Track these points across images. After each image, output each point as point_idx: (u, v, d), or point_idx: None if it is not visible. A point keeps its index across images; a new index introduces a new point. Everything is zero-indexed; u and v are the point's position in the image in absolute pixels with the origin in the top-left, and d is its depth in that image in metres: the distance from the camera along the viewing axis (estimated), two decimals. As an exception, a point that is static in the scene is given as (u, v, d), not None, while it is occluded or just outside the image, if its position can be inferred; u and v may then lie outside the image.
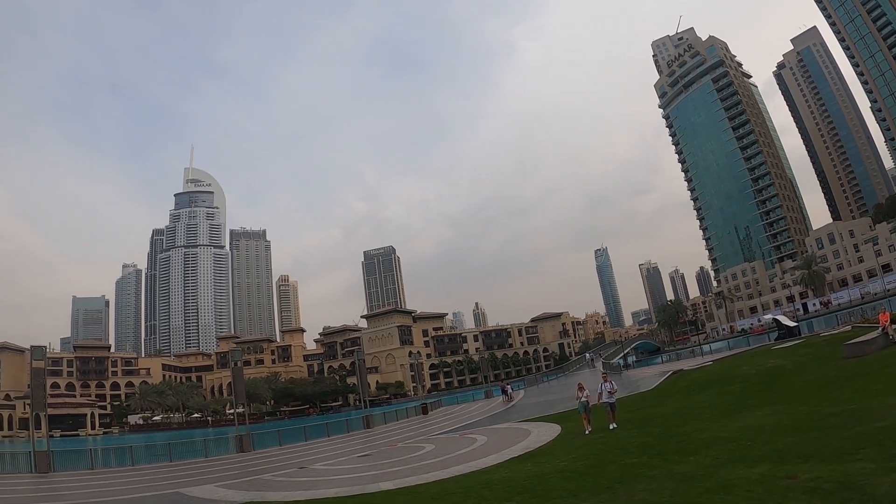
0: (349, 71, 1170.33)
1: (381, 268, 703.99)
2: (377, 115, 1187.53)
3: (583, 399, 34.81)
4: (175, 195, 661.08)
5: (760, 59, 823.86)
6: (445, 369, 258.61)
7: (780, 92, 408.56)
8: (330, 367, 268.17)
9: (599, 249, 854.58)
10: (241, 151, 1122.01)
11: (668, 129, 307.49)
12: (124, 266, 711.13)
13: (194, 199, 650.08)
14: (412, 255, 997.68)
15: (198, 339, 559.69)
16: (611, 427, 33.29)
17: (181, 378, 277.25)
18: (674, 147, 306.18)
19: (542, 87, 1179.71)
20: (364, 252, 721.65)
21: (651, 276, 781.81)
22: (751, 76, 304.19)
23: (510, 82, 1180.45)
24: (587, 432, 33.61)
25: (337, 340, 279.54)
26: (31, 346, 60.12)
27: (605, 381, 34.93)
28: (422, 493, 23.94)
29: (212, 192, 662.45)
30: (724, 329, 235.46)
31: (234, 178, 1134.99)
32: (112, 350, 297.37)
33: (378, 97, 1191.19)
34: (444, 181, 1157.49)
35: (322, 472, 36.95)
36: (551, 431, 39.03)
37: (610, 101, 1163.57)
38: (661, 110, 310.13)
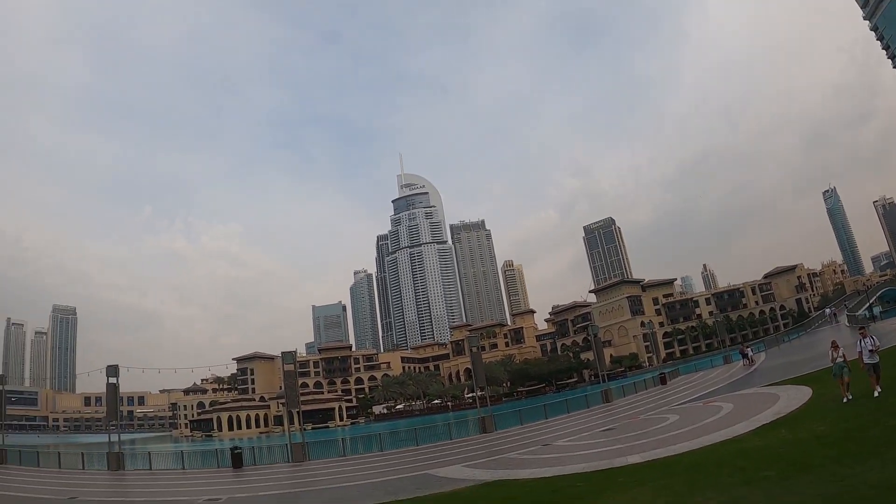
0: (536, 54, 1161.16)
1: (602, 241, 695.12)
2: (573, 91, 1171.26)
3: (839, 360, 30.55)
4: (393, 201, 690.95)
5: None
6: (679, 337, 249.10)
7: None
8: (563, 344, 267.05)
9: (827, 191, 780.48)
10: (447, 151, 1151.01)
11: (878, 41, 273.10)
12: (355, 273, 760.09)
13: (411, 201, 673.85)
14: (632, 223, 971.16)
15: (432, 331, 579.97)
16: (875, 393, 28.40)
17: (419, 368, 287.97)
18: (890, 61, 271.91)
19: (731, 28, 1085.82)
20: (584, 227, 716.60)
21: (889, 213, 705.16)
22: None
23: (699, 30, 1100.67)
24: (845, 400, 29.17)
25: (567, 318, 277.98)
26: (282, 353, 64.22)
27: (864, 336, 29.71)
28: (673, 465, 22.83)
29: (426, 193, 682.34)
30: None
31: (445, 177, 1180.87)
32: (353, 349, 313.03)
33: (570, 73, 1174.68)
34: (652, 144, 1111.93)
35: (566, 449, 36.41)
36: (801, 395, 36.21)
37: (805, 25, 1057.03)
38: (868, 22, 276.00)
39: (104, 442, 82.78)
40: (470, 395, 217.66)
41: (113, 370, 65.18)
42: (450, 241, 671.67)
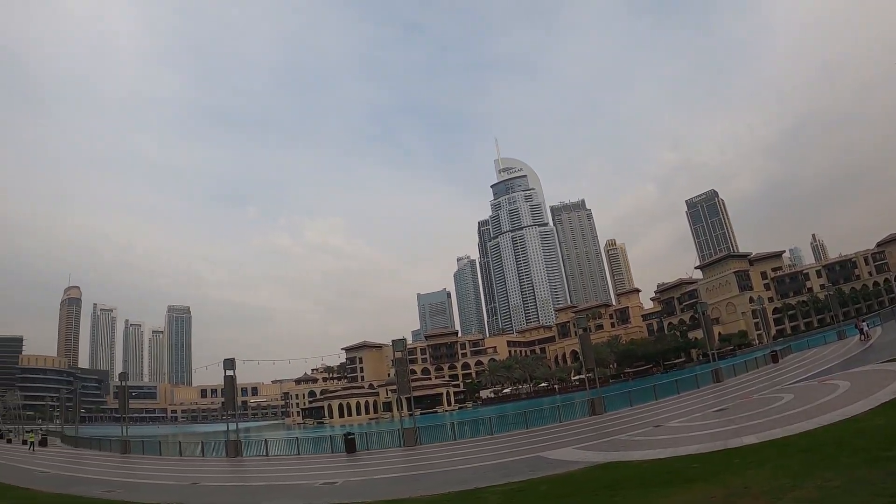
0: (622, 26, 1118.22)
1: (706, 214, 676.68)
2: (663, 62, 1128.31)
3: None
4: (491, 186, 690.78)
5: None
6: (790, 312, 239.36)
7: None
8: (669, 323, 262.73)
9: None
10: (541, 132, 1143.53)
11: None
12: (458, 259, 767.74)
13: (510, 185, 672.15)
14: (735, 194, 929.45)
15: (536, 314, 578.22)
16: None
17: (525, 352, 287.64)
18: None
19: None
20: (686, 202, 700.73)
21: None
22: None
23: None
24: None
25: (673, 296, 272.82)
26: (392, 341, 65.49)
27: None
28: (790, 446, 22.45)
29: (524, 176, 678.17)
30: None
31: (541, 158, 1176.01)
32: (459, 335, 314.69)
33: (658, 43, 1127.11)
34: (750, 110, 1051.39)
35: (678, 430, 36.09)
36: (926, 371, 34.93)
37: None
38: None
39: (221, 431, 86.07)
40: (577, 377, 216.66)
41: (230, 363, 68.12)
42: (551, 223, 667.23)
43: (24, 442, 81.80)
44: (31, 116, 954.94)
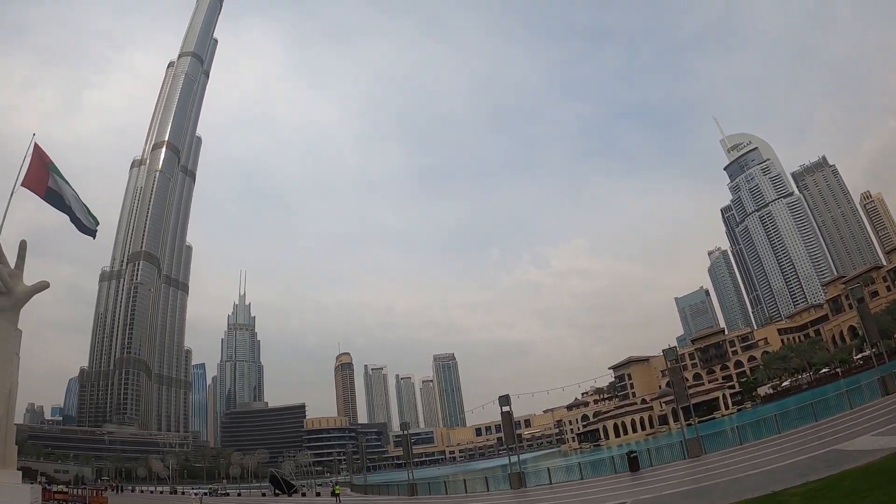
0: None
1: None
2: None
3: None
4: (724, 169, 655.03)
5: None
6: None
7: None
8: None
9: None
10: (758, 98, 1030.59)
11: None
12: (709, 253, 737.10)
13: (743, 163, 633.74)
14: None
15: (803, 293, 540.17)
16: None
17: (798, 338, 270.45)
18: None
19: None
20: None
21: None
22: None
23: None
24: None
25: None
26: (663, 350, 65.41)
27: None
28: None
29: (755, 148, 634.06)
30: None
31: (766, 125, 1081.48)
32: (725, 332, 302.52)
33: None
34: None
35: None
36: None
37: None
38: None
39: (500, 465, 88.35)
40: (859, 355, 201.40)
41: (505, 399, 71.10)
42: (796, 191, 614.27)
43: (333, 493, 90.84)
44: (284, 215, 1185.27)
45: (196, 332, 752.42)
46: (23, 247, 21.41)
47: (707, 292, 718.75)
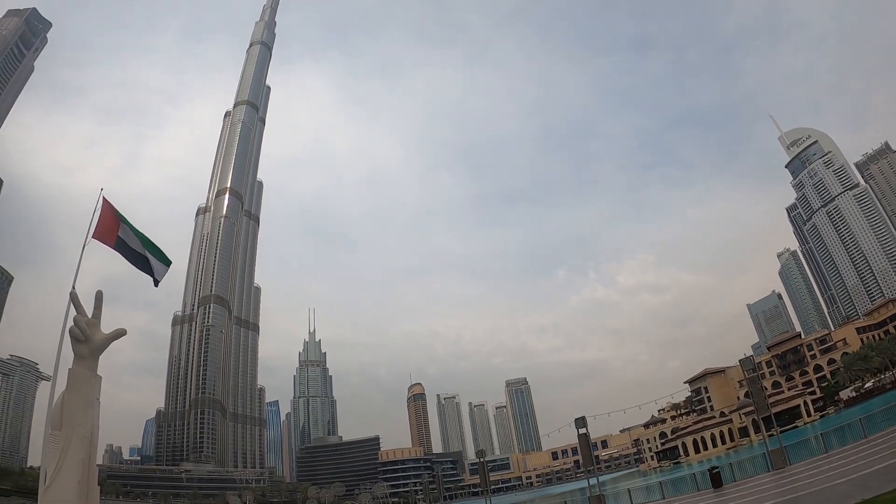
0: None
1: None
2: None
3: None
4: (786, 166, 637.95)
5: None
6: None
7: None
8: None
9: None
10: (812, 88, 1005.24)
11: None
12: (779, 255, 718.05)
13: (804, 157, 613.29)
14: None
15: (879, 288, 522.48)
16: None
17: (878, 335, 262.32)
18: None
19: None
20: None
21: None
22: None
23: None
24: None
25: None
26: (740, 360, 64.56)
27: None
28: None
29: (816, 142, 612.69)
30: None
31: (824, 115, 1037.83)
32: (802, 336, 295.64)
33: None
34: None
35: None
36: None
37: None
38: None
39: (578, 489, 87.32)
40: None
41: (581, 421, 70.67)
42: (862, 182, 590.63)
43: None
44: (347, 250, 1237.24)
45: (268, 370, 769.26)
46: (99, 296, 22.01)
47: (780, 296, 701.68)
